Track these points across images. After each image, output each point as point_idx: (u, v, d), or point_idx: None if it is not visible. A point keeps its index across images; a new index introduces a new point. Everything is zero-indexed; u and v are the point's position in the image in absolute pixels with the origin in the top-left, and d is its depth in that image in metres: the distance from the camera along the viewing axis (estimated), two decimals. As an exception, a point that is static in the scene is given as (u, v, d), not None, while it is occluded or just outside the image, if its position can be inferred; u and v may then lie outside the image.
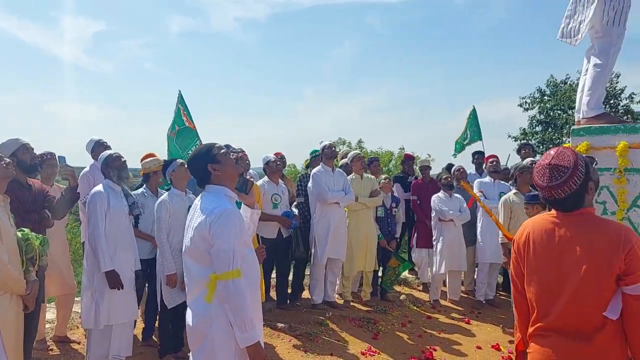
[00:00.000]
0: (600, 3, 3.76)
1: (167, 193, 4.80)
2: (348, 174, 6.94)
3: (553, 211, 2.44)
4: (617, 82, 22.66)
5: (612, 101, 22.61)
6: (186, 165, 4.10)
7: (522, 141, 19.33)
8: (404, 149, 22.90)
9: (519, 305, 2.57)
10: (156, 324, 5.27)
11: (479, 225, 7.37)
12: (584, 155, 2.58)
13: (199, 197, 2.99)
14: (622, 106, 21.87)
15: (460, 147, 9.54)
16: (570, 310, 2.29)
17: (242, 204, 3.23)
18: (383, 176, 7.53)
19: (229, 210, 2.77)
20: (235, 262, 2.71)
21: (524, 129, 23.20)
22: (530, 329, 2.44)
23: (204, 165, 2.92)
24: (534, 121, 23.42)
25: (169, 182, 4.87)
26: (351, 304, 6.90)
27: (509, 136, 23.72)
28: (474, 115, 9.45)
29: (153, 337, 5.36)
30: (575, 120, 4.06)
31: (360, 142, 25.94)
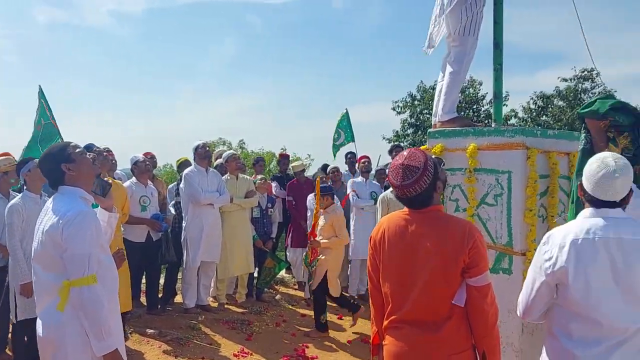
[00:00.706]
0: (456, 14, 4.05)
1: (19, 196, 4.45)
2: (223, 175, 6.88)
3: (406, 209, 2.58)
4: (479, 89, 24.61)
5: (475, 106, 24.49)
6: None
7: (395, 143, 20.29)
8: (285, 149, 23.12)
9: (375, 299, 2.69)
10: (9, 336, 4.88)
11: (352, 223, 7.63)
12: (433, 156, 2.77)
13: (50, 198, 2.82)
14: (484, 111, 23.77)
15: (335, 148, 9.82)
16: (421, 302, 2.44)
17: (100, 207, 3.09)
18: (259, 176, 7.55)
19: (84, 213, 2.64)
20: (90, 267, 2.59)
21: (397, 131, 24.43)
22: (385, 322, 2.56)
23: (57, 164, 2.75)
24: (405, 124, 24.71)
25: (23, 183, 4.52)
26: (226, 306, 6.83)
27: (384, 138, 24.87)
28: (347, 118, 9.77)
29: (7, 350, 4.95)
30: (433, 123, 4.36)
31: (241, 142, 25.81)
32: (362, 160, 8.02)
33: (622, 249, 2.33)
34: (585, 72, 21.14)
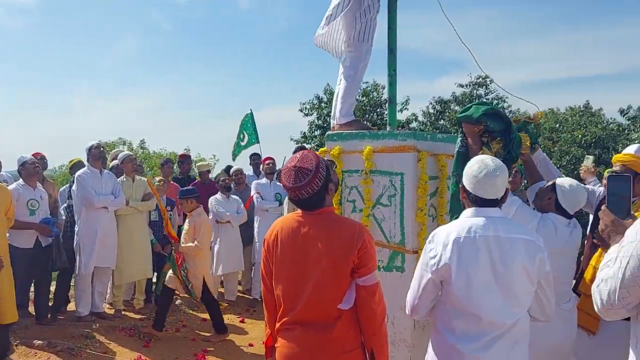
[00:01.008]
0: (350, 20, 4.14)
1: None
2: (119, 177, 6.61)
3: (299, 211, 2.61)
4: (382, 93, 25.33)
5: (378, 110, 25.20)
6: None
7: (299, 145, 20.34)
8: (189, 149, 22.60)
9: (268, 301, 2.69)
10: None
11: (255, 225, 7.61)
12: (325, 159, 2.82)
13: None
14: (387, 115, 24.46)
15: (238, 149, 9.74)
16: (312, 303, 2.47)
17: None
18: (157, 178, 7.33)
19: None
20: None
21: (304, 132, 24.58)
22: (278, 324, 2.57)
23: None
24: (313, 125, 24.95)
25: None
26: (123, 313, 6.57)
27: (291, 139, 24.93)
28: (251, 119, 9.72)
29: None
30: (331, 126, 4.44)
31: (142, 142, 24.93)
32: (267, 161, 8.02)
33: (499, 246, 2.49)
34: (480, 79, 22.36)
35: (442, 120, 24.42)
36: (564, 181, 3.44)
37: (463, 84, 23.17)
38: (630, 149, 3.60)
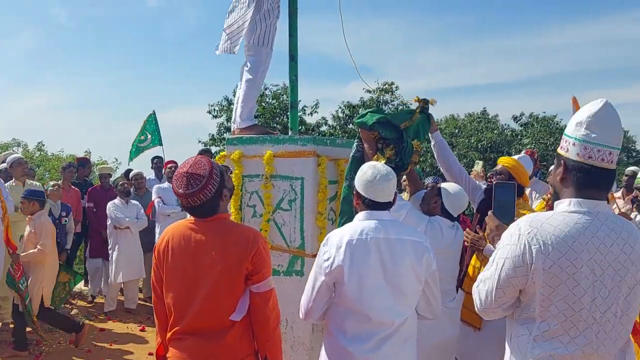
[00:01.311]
0: (251, 23, 4.14)
1: None
2: (7, 181, 6.18)
3: (191, 217, 2.55)
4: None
5: (288, 113, 25.29)
6: None
7: (204, 147, 19.99)
8: (89, 152, 21.53)
9: (159, 311, 2.62)
10: None
11: (157, 231, 7.38)
12: (220, 164, 2.79)
13: None
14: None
15: (136, 151, 9.41)
16: (204, 311, 2.42)
17: None
18: (51, 182, 6.94)
19: None
20: None
21: (213, 135, 24.19)
22: (169, 334, 2.50)
23: None
24: (222, 128, 24.62)
25: None
26: (10, 325, 6.15)
27: (199, 141, 24.45)
28: (154, 120, 9.43)
29: None
30: (232, 130, 4.40)
31: (40, 144, 23.49)
32: (169, 165, 7.80)
33: (390, 248, 2.59)
34: (386, 85, 23.08)
35: (351, 125, 24.93)
36: (448, 186, 3.69)
37: (370, 89, 23.83)
38: (515, 156, 4.07)
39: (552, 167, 2.36)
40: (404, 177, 4.42)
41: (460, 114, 26.77)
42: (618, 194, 6.82)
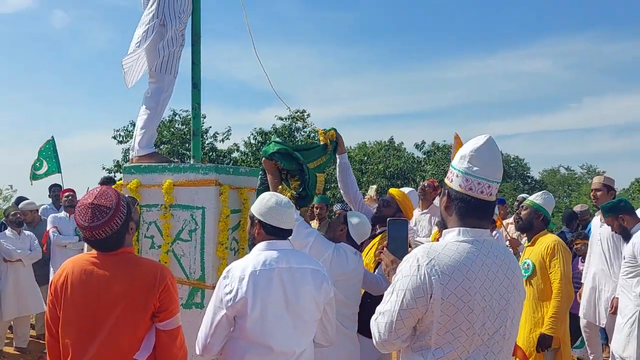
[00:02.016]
0: (154, 50, 4.02)
1: None
2: None
3: (93, 251, 2.41)
4: (203, 122, 25.12)
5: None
6: None
7: (107, 175, 19.15)
8: (-19, 179, 20.00)
9: (53, 351, 2.45)
10: None
11: (51, 263, 6.94)
12: (126, 195, 2.68)
13: None
14: (208, 144, 24.27)
15: (33, 177, 8.88)
16: (105, 350, 2.29)
17: None
18: None
19: None
20: None
21: (118, 161, 23.29)
22: None
23: None
24: (127, 154, 23.77)
25: None
26: None
27: (104, 168, 23.48)
28: (52, 146, 8.93)
29: None
30: (130, 158, 4.25)
31: None
32: (66, 194, 7.38)
33: (291, 277, 2.59)
34: (298, 113, 23.36)
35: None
36: (354, 215, 3.79)
37: (282, 117, 23.99)
38: (405, 189, 4.38)
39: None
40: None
41: (370, 140, 27.56)
42: (510, 220, 7.24)
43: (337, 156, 4.16)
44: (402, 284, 1.94)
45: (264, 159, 3.70)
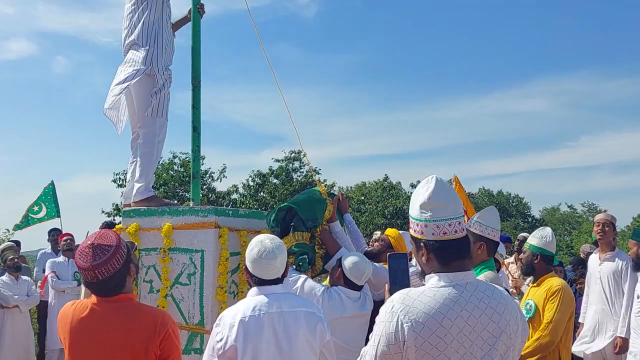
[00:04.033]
0: (144, 97, 4.06)
1: None
2: None
3: (94, 297, 2.38)
4: (202, 164, 25.20)
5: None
6: None
7: (107, 220, 19.06)
8: (-21, 223, 19.94)
9: None
10: None
11: (48, 309, 6.85)
12: (125, 239, 2.67)
13: None
14: (205, 185, 24.28)
15: (25, 222, 8.82)
16: None
17: None
18: None
19: None
20: None
21: (117, 205, 23.21)
22: None
23: None
24: (127, 198, 23.79)
25: None
26: None
27: (103, 211, 23.38)
28: (52, 191, 8.93)
29: None
30: (121, 204, 4.25)
31: None
32: (64, 238, 7.35)
33: (283, 321, 2.56)
34: (294, 154, 23.49)
35: (261, 192, 24.93)
36: (348, 256, 3.65)
37: (279, 158, 24.14)
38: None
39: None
40: None
41: (369, 180, 27.65)
42: (510, 259, 7.18)
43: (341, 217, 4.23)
44: (378, 329, 1.91)
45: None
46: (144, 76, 4.01)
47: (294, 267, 3.63)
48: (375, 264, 3.82)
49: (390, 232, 4.29)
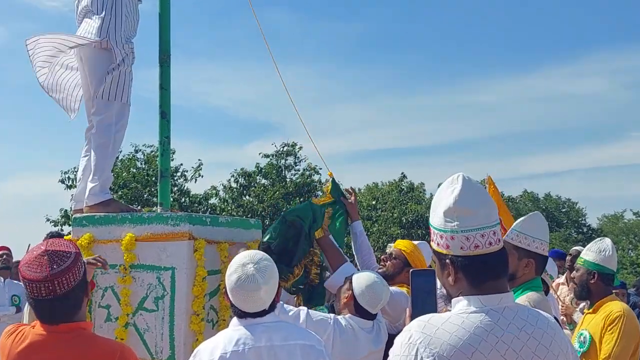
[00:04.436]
0: (93, 74, 4.06)
1: None
2: None
3: (37, 325, 2.40)
4: (173, 158, 25.23)
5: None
6: None
7: (53, 231, 19.04)
8: None
9: None
10: None
11: None
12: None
13: None
14: (177, 186, 24.34)
15: None
16: None
17: None
18: None
19: None
20: None
21: (66, 210, 23.24)
22: None
23: None
24: (77, 203, 23.81)
25: None
26: None
27: (47, 219, 23.40)
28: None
29: None
30: (71, 209, 4.27)
31: None
32: (0, 252, 7.38)
33: (274, 356, 2.58)
34: (287, 147, 23.48)
35: (247, 196, 24.92)
36: (361, 278, 3.57)
37: (268, 153, 24.11)
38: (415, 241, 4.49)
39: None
40: None
41: (382, 180, 27.65)
42: (562, 279, 7.18)
43: (350, 226, 4.34)
44: None
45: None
46: (97, 50, 4.01)
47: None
48: (391, 287, 3.78)
49: (402, 244, 4.23)
